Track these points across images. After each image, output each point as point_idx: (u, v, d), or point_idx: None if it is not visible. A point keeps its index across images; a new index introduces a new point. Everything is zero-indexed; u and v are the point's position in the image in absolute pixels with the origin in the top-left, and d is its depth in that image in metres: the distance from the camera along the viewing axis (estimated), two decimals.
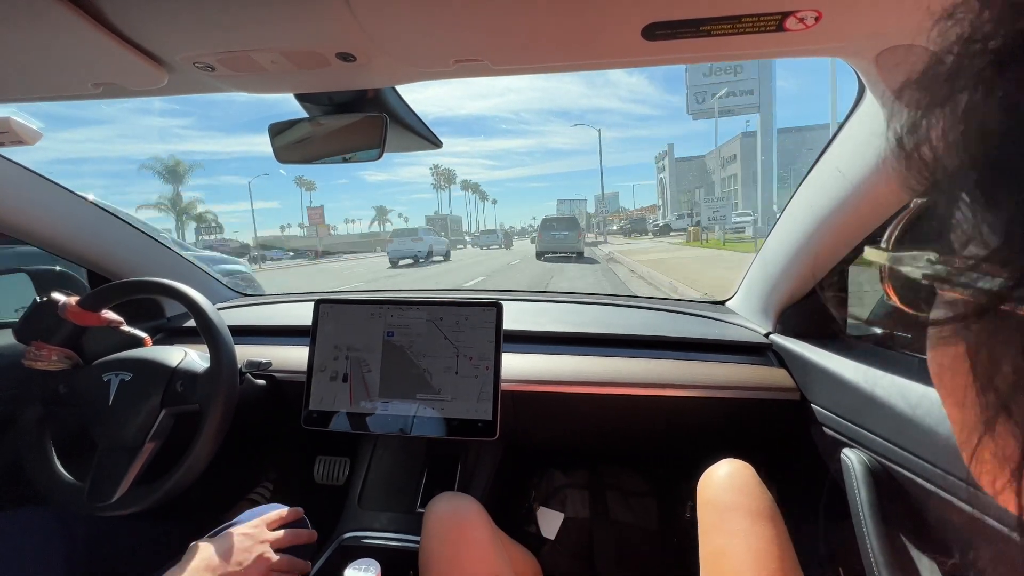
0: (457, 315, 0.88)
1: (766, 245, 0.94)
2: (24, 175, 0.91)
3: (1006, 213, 0.14)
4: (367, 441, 0.99)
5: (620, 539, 1.06)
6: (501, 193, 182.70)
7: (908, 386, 0.62)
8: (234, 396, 0.77)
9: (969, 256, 0.15)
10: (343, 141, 0.69)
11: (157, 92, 0.62)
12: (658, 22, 0.46)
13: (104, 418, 0.76)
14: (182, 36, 0.50)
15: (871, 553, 0.58)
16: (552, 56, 0.53)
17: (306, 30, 0.49)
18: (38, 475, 0.75)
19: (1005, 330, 0.15)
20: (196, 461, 0.73)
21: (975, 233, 0.15)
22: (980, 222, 0.15)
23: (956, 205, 0.16)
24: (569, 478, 1.12)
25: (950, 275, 0.16)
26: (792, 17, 0.45)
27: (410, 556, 0.71)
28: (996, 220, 0.14)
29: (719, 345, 0.98)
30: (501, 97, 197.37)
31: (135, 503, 0.72)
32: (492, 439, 0.83)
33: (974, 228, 0.15)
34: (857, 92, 0.63)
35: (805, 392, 0.85)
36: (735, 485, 0.65)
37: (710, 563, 0.60)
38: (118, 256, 1.11)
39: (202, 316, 0.79)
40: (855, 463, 0.65)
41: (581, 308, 1.21)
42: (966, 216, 0.16)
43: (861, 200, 0.68)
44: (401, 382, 0.87)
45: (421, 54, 0.54)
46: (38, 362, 0.78)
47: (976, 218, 0.15)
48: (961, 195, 0.16)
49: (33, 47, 0.51)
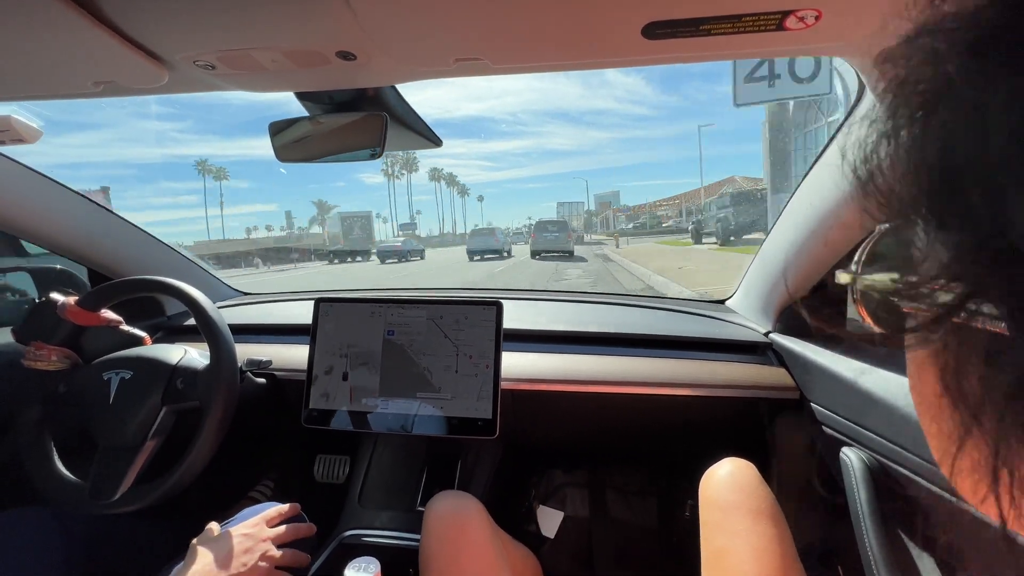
0: (457, 314, 0.88)
1: (766, 244, 0.94)
2: (24, 173, 0.91)
3: (955, 234, 0.15)
4: (367, 440, 1.00)
5: (620, 538, 1.06)
6: (499, 194, 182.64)
7: (907, 385, 0.62)
8: (235, 394, 0.77)
9: (925, 274, 0.16)
10: (343, 140, 0.69)
11: (157, 91, 0.62)
12: (658, 21, 0.46)
13: (104, 417, 0.76)
14: (182, 35, 0.50)
15: (870, 551, 0.58)
16: (552, 55, 0.54)
17: (306, 29, 0.49)
18: (39, 475, 0.76)
19: (967, 342, 0.16)
20: (197, 459, 0.73)
21: (930, 251, 0.17)
22: (933, 241, 0.16)
23: (913, 228, 0.17)
24: (569, 477, 1.13)
25: (910, 292, 0.17)
26: (792, 16, 0.45)
27: (410, 554, 0.71)
28: (948, 239, 0.16)
29: (718, 344, 0.98)
30: (498, 99, 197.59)
31: (136, 501, 0.72)
32: (492, 438, 0.83)
33: (929, 247, 0.17)
34: (857, 91, 0.63)
35: (804, 391, 0.85)
36: (737, 484, 0.65)
37: (712, 562, 0.60)
38: (118, 254, 1.11)
39: (202, 314, 0.79)
40: (854, 462, 0.66)
41: (581, 307, 1.21)
42: (921, 237, 0.17)
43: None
44: (401, 381, 0.87)
45: (421, 53, 0.54)
46: (38, 362, 0.78)
47: (930, 238, 0.17)
48: (916, 219, 0.17)
49: (34, 46, 0.51)
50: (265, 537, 0.66)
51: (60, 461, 0.77)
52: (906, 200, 0.17)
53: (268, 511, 0.72)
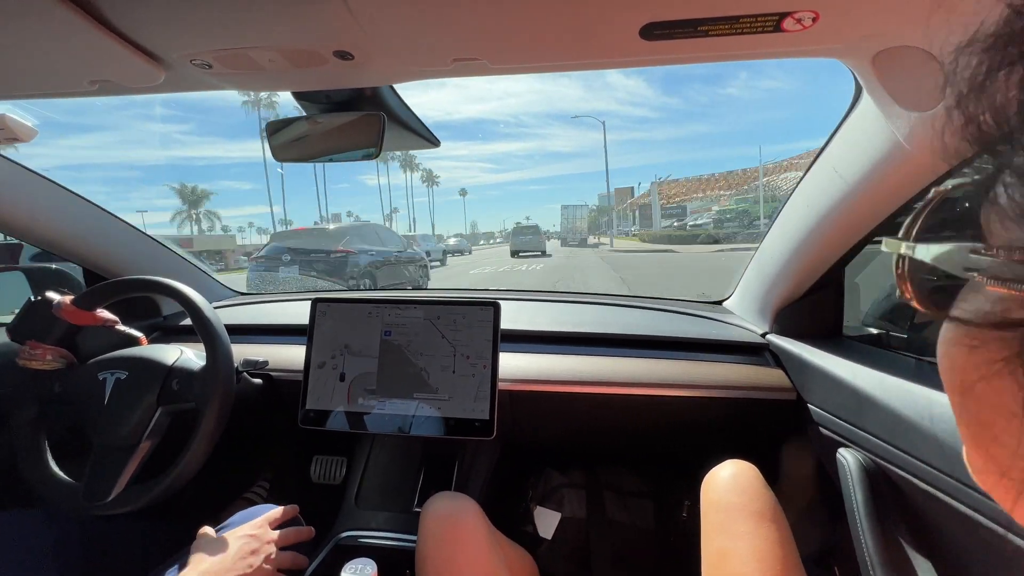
0: (455, 314, 0.88)
1: (763, 245, 0.94)
2: (21, 173, 0.90)
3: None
4: (364, 440, 0.99)
5: (617, 539, 1.06)
6: (502, 197, 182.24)
7: (904, 386, 0.62)
8: (230, 395, 0.76)
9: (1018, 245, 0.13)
10: (341, 139, 0.69)
11: (154, 90, 0.61)
12: (656, 22, 0.46)
13: (99, 417, 0.75)
14: (179, 34, 0.50)
15: (866, 552, 0.59)
16: (550, 55, 0.54)
17: (304, 28, 0.48)
18: (33, 475, 0.75)
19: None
20: (192, 460, 0.72)
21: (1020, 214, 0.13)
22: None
23: (1000, 180, 0.15)
24: (566, 478, 1.13)
25: (998, 268, 0.14)
26: (790, 18, 0.45)
27: (407, 555, 0.71)
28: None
29: (715, 345, 0.98)
30: (500, 101, 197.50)
31: (131, 502, 0.71)
32: (489, 438, 0.83)
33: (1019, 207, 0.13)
34: (854, 93, 0.63)
35: (801, 392, 0.85)
36: (740, 486, 0.65)
37: (713, 564, 0.60)
38: (114, 254, 1.11)
39: (198, 314, 0.78)
40: (851, 463, 0.66)
41: (579, 308, 1.21)
42: (1012, 195, 0.14)
43: (857, 201, 0.69)
44: (399, 381, 0.87)
45: (419, 53, 0.53)
46: (33, 361, 0.78)
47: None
48: (1008, 169, 0.15)
49: (29, 44, 0.51)
50: (269, 539, 0.67)
51: (54, 461, 0.77)
52: (1010, 136, 0.14)
53: (270, 513, 0.72)
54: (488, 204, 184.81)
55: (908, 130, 0.55)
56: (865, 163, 0.64)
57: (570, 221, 43.85)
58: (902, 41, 0.48)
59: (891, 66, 0.51)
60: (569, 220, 44.12)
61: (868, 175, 0.64)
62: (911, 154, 0.57)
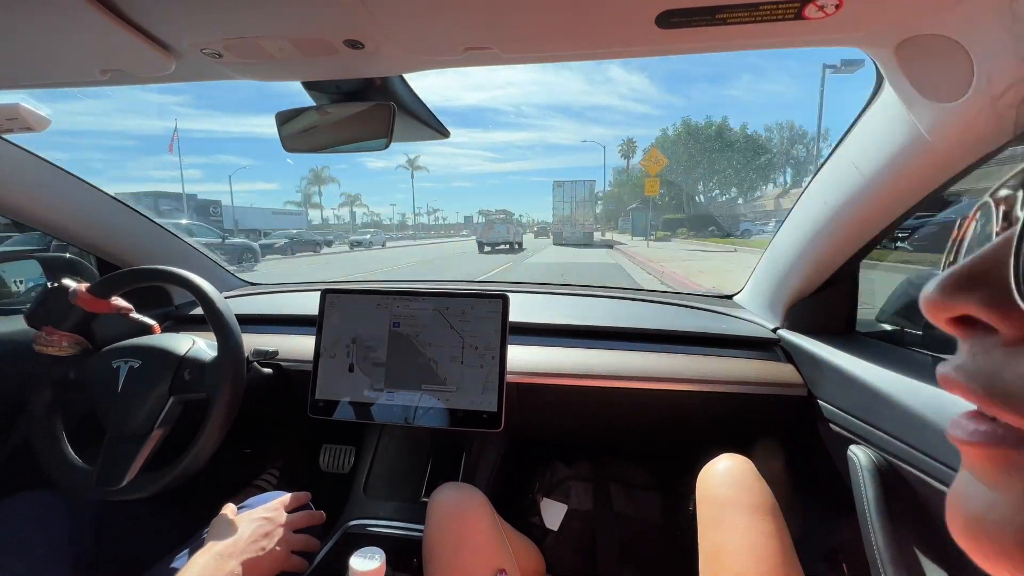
0: (463, 305, 0.88)
1: (776, 240, 0.93)
2: (35, 163, 0.91)
3: None
4: (373, 430, 1.00)
5: (623, 531, 1.06)
6: (504, 186, 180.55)
7: (918, 384, 0.61)
8: (241, 385, 0.77)
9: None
10: (350, 130, 0.69)
11: (165, 79, 0.61)
12: (673, 9, 0.45)
13: (113, 404, 0.77)
14: (190, 23, 0.50)
15: (876, 550, 0.58)
16: (563, 44, 0.52)
17: (314, 17, 0.48)
18: (48, 459, 0.77)
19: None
20: (203, 448, 0.73)
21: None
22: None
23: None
24: (573, 470, 1.13)
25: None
26: (811, 5, 0.44)
27: (414, 545, 0.72)
28: None
29: (726, 340, 0.97)
30: (501, 89, 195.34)
31: (143, 489, 0.73)
32: (497, 430, 0.83)
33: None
34: (875, 84, 0.61)
35: (812, 388, 0.84)
36: (734, 480, 0.65)
37: (709, 558, 0.60)
38: (127, 244, 1.12)
39: (210, 304, 0.79)
40: (862, 460, 0.65)
41: (588, 301, 1.21)
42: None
43: (875, 194, 0.67)
44: (407, 372, 0.87)
45: (430, 41, 0.53)
46: (48, 347, 0.79)
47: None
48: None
49: (42, 34, 0.51)
50: (283, 522, 0.68)
51: (69, 446, 0.78)
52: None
53: (284, 497, 0.74)
54: (487, 193, 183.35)
55: (931, 122, 0.53)
56: (884, 156, 0.62)
57: (566, 205, 27.65)
58: (929, 29, 0.46)
59: (916, 55, 0.49)
60: (565, 202, 27.70)
61: (887, 168, 0.63)
62: (933, 146, 0.56)
